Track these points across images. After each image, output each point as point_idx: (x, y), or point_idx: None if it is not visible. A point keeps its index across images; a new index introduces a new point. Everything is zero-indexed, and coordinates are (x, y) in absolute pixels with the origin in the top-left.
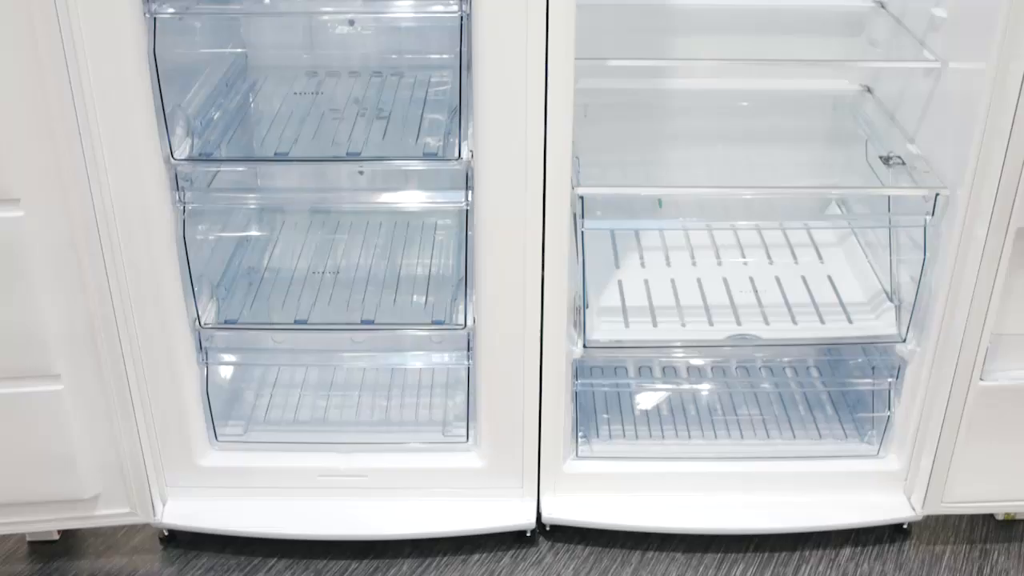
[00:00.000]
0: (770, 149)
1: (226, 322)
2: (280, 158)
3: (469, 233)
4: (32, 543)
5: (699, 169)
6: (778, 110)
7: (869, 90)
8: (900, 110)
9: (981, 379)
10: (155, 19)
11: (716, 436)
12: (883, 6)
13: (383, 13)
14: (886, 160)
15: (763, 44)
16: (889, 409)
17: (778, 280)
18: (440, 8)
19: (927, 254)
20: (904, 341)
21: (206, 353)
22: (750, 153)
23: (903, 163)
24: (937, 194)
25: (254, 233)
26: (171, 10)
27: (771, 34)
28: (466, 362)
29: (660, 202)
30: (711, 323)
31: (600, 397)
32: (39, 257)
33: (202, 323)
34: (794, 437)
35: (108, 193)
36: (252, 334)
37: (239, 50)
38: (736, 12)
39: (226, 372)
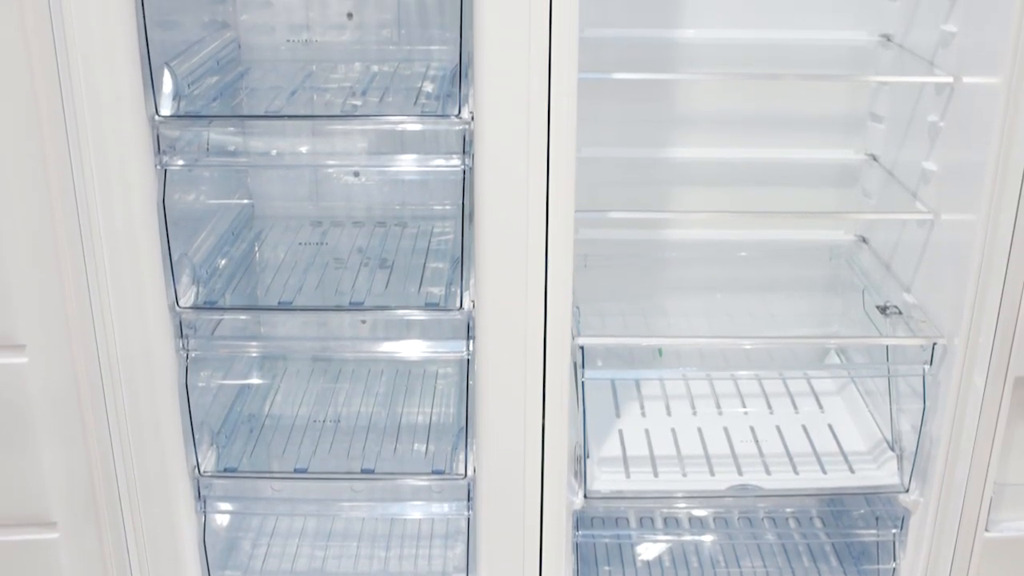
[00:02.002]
0: (768, 298)
1: (226, 470)
2: (284, 307)
3: (470, 383)
4: None
5: (699, 318)
6: (776, 260)
7: (864, 240)
8: (895, 260)
9: (987, 530)
10: (165, 170)
11: None
12: (875, 159)
13: (387, 167)
14: (883, 309)
15: (760, 196)
16: (895, 561)
17: (779, 429)
18: (442, 162)
19: (927, 403)
20: (907, 491)
21: (204, 502)
22: (749, 302)
23: (900, 312)
24: (935, 344)
25: (256, 381)
26: (181, 162)
27: (768, 186)
28: (466, 512)
29: (660, 351)
30: (712, 473)
31: (601, 548)
32: (41, 403)
33: (201, 471)
34: None
35: (113, 340)
36: (251, 482)
37: (245, 201)
38: (733, 165)
39: (223, 520)
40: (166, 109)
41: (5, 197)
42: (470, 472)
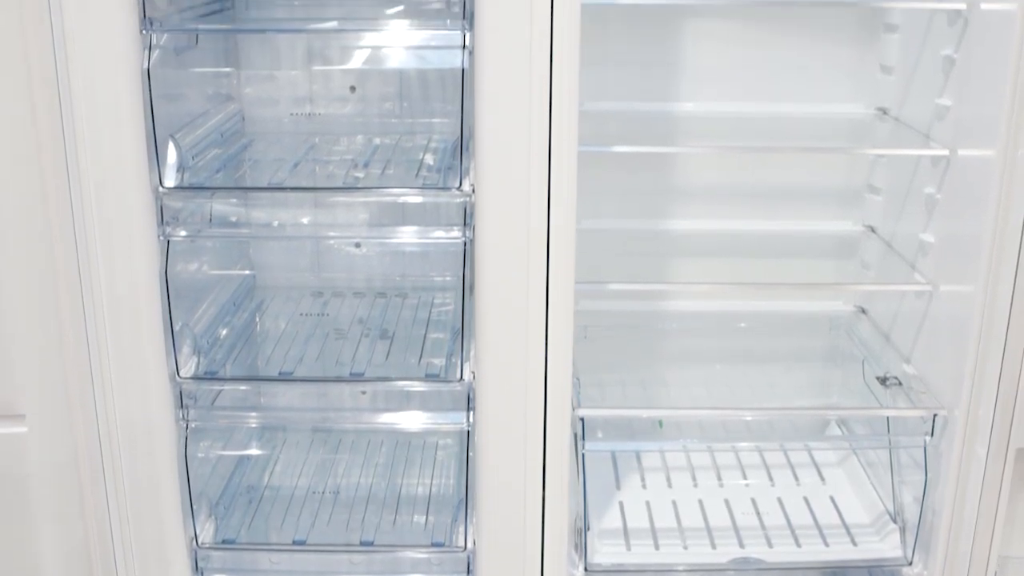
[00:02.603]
0: (769, 369)
1: (224, 542)
2: (284, 377)
3: (470, 454)
4: None
5: (699, 389)
6: (775, 331)
7: (863, 311)
8: (894, 331)
9: None
10: (168, 241)
11: None
12: (874, 231)
13: (389, 238)
14: (883, 380)
15: (759, 267)
16: None
17: (780, 501)
18: (443, 234)
19: (928, 475)
20: (910, 564)
21: (202, 574)
22: (749, 373)
23: (900, 383)
24: (935, 415)
25: (255, 452)
26: (183, 233)
27: (767, 257)
28: None
29: (661, 423)
30: (714, 546)
31: None
32: (40, 473)
33: (199, 543)
34: None
35: (112, 410)
36: (250, 555)
37: (247, 272)
38: (732, 237)
39: None
40: (170, 180)
41: (8, 264)
42: (470, 544)
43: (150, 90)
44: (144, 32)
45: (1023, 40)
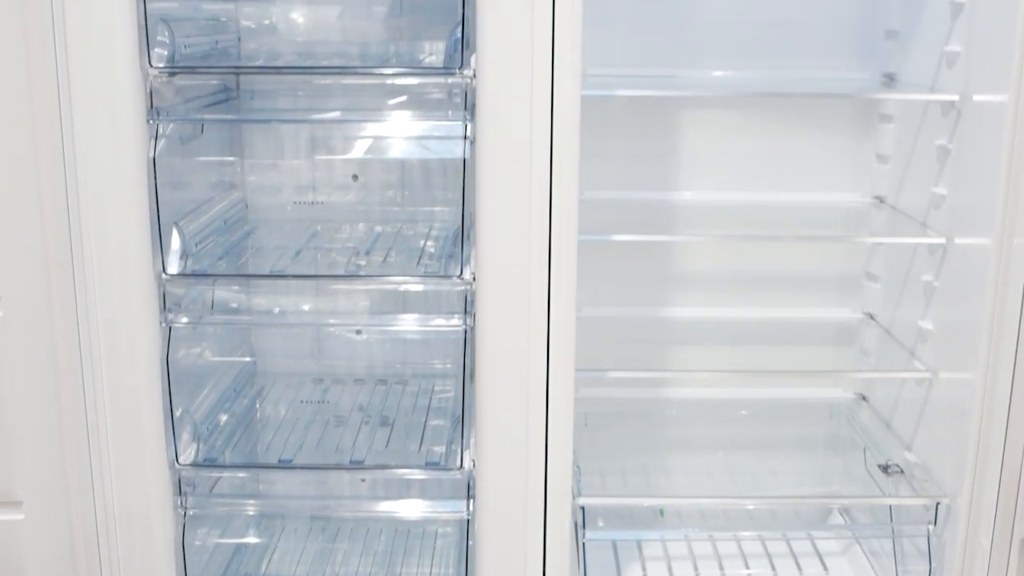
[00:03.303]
0: (770, 456)
1: None
2: (284, 465)
3: (469, 543)
4: None
5: (700, 477)
6: (776, 418)
7: (864, 398)
8: (895, 418)
9: None
10: (170, 328)
11: None
12: (872, 318)
13: (390, 326)
14: (885, 468)
15: (759, 354)
16: None
17: None
18: (443, 322)
19: (932, 564)
20: None
21: None
22: (750, 460)
23: (902, 471)
24: (938, 503)
25: (253, 540)
26: (185, 319)
27: (766, 344)
28: None
29: (662, 511)
30: None
31: None
32: (36, 560)
33: None
34: None
35: (110, 498)
36: None
37: (248, 358)
38: (732, 324)
39: None
40: (173, 267)
41: (10, 347)
42: None
43: (155, 178)
44: (151, 122)
45: (1015, 131)
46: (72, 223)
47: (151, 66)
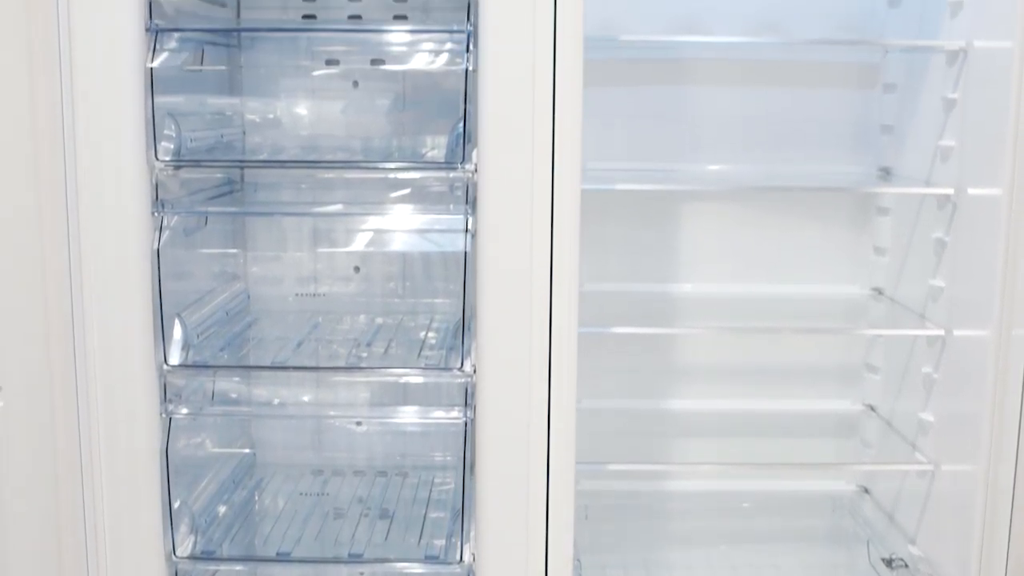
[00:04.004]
0: (773, 549)
1: None
2: (282, 559)
3: None
4: None
5: (702, 571)
6: (778, 511)
7: (866, 490)
8: (898, 510)
9: None
10: (170, 419)
11: None
12: (873, 409)
13: (390, 418)
14: (889, 562)
15: (760, 447)
16: None
17: None
18: (443, 414)
19: None
20: None
21: None
22: (753, 554)
23: (906, 565)
24: None
25: None
26: (185, 410)
27: (767, 437)
28: None
29: None
30: None
31: None
32: None
33: None
34: None
35: None
36: None
37: (247, 450)
38: (733, 416)
39: None
40: (175, 358)
41: (10, 439)
42: None
43: (159, 270)
44: (156, 214)
45: (1010, 224)
46: (75, 313)
47: (157, 159)
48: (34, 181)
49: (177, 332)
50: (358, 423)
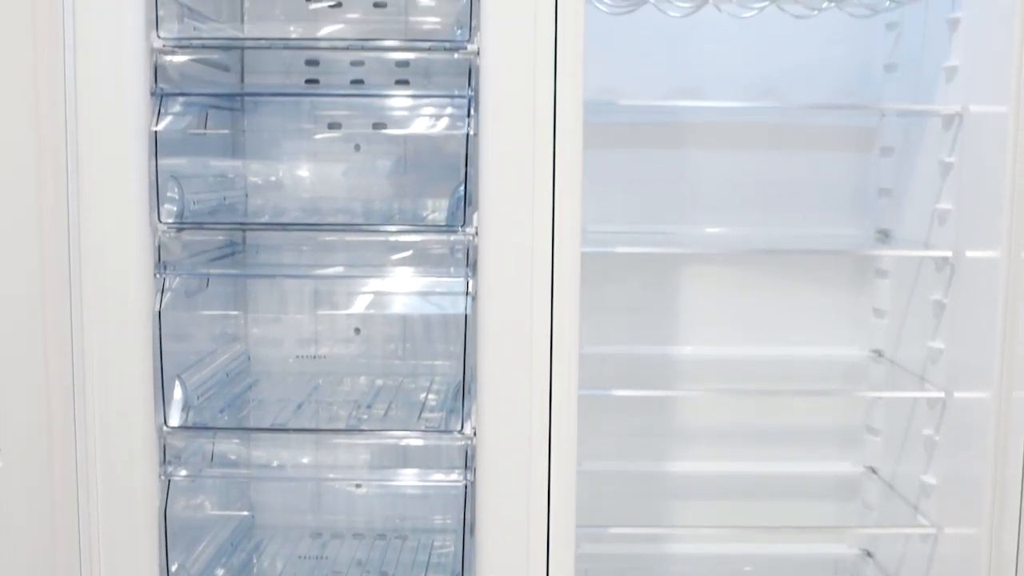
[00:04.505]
0: None
1: None
2: None
3: None
4: None
5: None
6: (781, 574)
7: (869, 554)
8: (901, 574)
9: None
10: (169, 481)
11: None
12: (875, 471)
13: (389, 481)
14: None
15: (761, 509)
16: None
17: None
18: (442, 477)
19: None
20: None
21: None
22: None
23: None
24: None
25: None
26: (184, 472)
27: (768, 499)
28: None
29: None
30: None
31: None
32: None
33: None
34: None
35: None
36: None
37: (245, 512)
38: (733, 479)
39: None
40: (175, 420)
41: (8, 501)
42: None
43: (160, 331)
44: (158, 276)
45: (1007, 287)
46: (76, 373)
47: (160, 222)
48: (37, 241)
49: (177, 393)
50: (358, 485)
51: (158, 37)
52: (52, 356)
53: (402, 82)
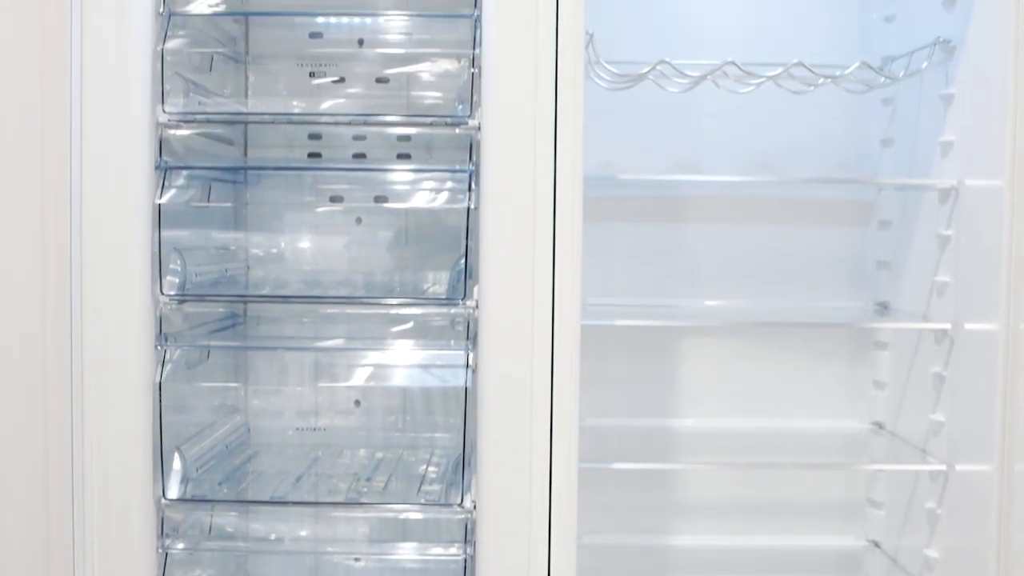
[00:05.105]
0: None
1: None
2: None
3: None
4: None
5: None
6: None
7: None
8: None
9: None
10: (167, 554)
11: None
12: (877, 545)
13: (389, 555)
14: None
15: None
16: None
17: None
18: (441, 551)
19: None
20: None
21: None
22: None
23: None
24: None
25: None
26: (182, 545)
27: (770, 573)
28: None
29: None
30: None
31: None
32: None
33: None
34: None
35: None
36: None
37: None
38: (736, 554)
39: None
40: (173, 492)
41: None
42: None
43: (161, 403)
44: (159, 347)
45: (1006, 360)
46: (75, 446)
47: (162, 294)
48: (40, 312)
49: (176, 465)
50: (356, 559)
51: (163, 111)
52: (52, 425)
53: (404, 156)
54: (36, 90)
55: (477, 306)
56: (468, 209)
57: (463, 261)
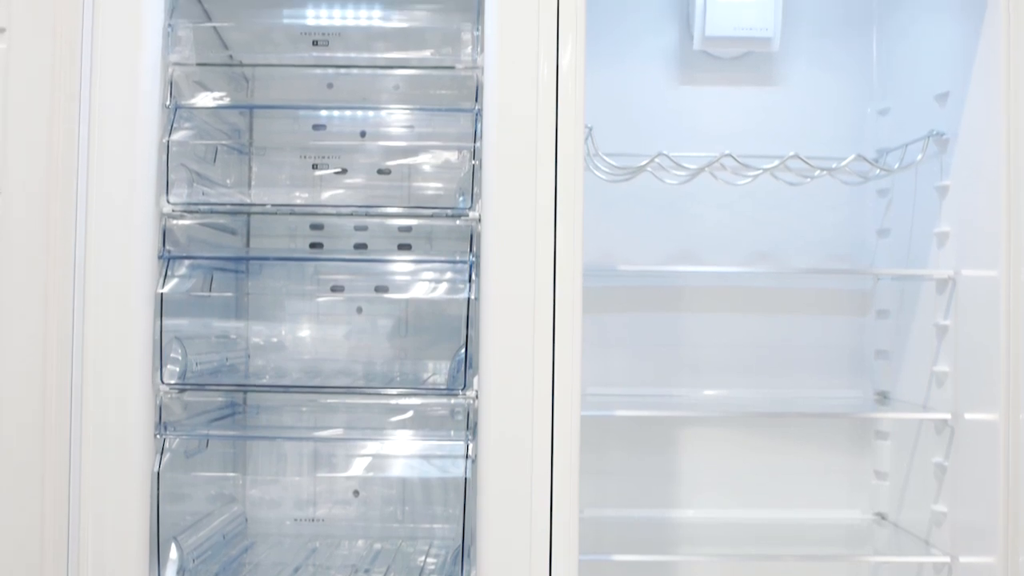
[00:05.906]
0: None
1: None
2: None
3: None
4: None
5: None
6: None
7: None
8: None
9: None
10: None
11: None
12: None
13: None
14: None
15: None
16: None
17: None
18: None
19: None
20: None
21: None
22: None
23: None
24: None
25: None
26: None
27: None
28: None
29: None
30: None
31: None
32: None
33: None
34: None
35: None
36: None
37: None
38: None
39: None
40: None
41: None
42: None
43: (158, 492)
44: (158, 436)
45: (1007, 450)
46: (71, 536)
47: (163, 383)
48: (40, 400)
49: (173, 555)
50: None
51: (168, 202)
52: (48, 514)
53: (404, 246)
54: (42, 178)
55: (477, 396)
56: (468, 299)
57: (463, 351)
